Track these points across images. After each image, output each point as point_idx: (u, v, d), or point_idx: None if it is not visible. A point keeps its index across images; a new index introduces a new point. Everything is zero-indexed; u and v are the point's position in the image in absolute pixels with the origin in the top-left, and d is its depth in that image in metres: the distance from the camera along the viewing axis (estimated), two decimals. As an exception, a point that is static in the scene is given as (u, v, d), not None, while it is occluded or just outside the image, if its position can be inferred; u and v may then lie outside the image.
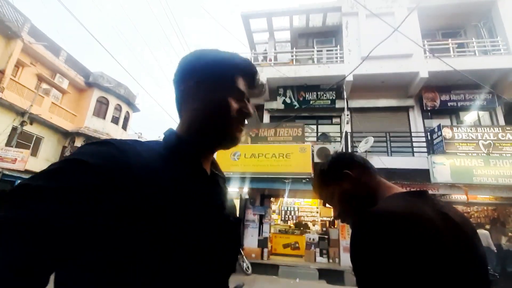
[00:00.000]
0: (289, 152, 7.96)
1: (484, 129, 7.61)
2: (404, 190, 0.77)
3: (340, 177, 0.85)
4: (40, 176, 0.39)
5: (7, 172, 10.36)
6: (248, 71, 0.67)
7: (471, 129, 7.65)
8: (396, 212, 0.63)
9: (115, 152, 0.45)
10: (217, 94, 0.61)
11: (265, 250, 8.28)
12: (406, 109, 9.50)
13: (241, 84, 0.65)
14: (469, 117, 9.22)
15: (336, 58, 9.91)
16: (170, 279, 0.46)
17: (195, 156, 0.59)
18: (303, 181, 7.89)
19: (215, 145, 0.65)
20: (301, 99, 9.76)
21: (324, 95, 9.58)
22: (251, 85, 0.68)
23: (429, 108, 9.07)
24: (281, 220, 11.66)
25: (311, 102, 9.55)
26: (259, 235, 8.59)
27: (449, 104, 9.01)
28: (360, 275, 0.62)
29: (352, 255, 0.64)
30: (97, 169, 0.41)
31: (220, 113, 0.61)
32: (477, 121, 9.17)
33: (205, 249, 0.52)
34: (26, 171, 11.48)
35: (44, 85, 13.87)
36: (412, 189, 0.77)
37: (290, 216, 11.89)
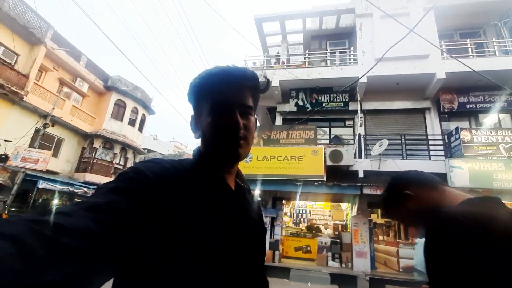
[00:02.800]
0: (301, 155, 7.94)
1: (505, 132, 7.32)
2: (473, 196, 0.77)
3: (402, 199, 0.87)
4: (118, 179, 0.53)
5: (29, 172, 10.84)
6: (211, 82, 0.66)
7: (491, 132, 7.37)
8: (478, 214, 0.65)
9: (161, 168, 0.58)
10: (202, 117, 0.67)
11: (277, 253, 8.27)
12: (422, 111, 9.27)
13: (211, 98, 0.65)
14: (489, 119, 8.88)
15: (350, 60, 9.82)
16: (189, 284, 0.52)
17: (213, 171, 0.66)
18: (315, 183, 7.84)
19: (216, 161, 0.66)
20: (313, 101, 9.72)
21: (337, 97, 9.49)
22: (217, 92, 0.65)
23: (446, 110, 8.80)
24: (293, 223, 11.60)
25: (324, 105, 9.48)
26: (270, 237, 8.58)
27: (467, 106, 8.72)
28: (439, 275, 0.63)
29: (432, 255, 0.66)
30: (149, 179, 0.53)
31: (205, 135, 0.66)
32: (498, 123, 8.82)
33: (226, 258, 0.57)
34: (48, 171, 12.00)
35: (66, 89, 14.48)
36: (481, 196, 0.78)
37: (302, 219, 11.82)
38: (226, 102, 0.64)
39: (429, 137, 8.75)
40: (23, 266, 0.30)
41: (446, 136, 8.08)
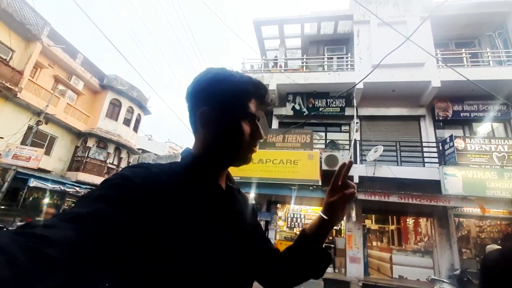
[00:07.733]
0: (297, 159, 7.93)
1: (498, 141, 7.42)
2: None
3: None
4: (103, 186, 0.50)
5: (21, 170, 10.65)
6: (259, 93, 0.70)
7: (484, 141, 7.46)
8: None
9: (149, 173, 0.56)
10: (232, 119, 0.66)
11: (270, 256, 8.20)
12: (417, 119, 9.36)
13: (253, 107, 0.69)
14: (482, 128, 9.00)
15: (347, 65, 9.89)
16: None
17: (210, 174, 0.66)
18: (310, 188, 7.84)
19: (228, 164, 0.70)
20: (310, 106, 9.75)
21: (334, 102, 9.54)
22: (262, 104, 0.72)
23: (441, 118, 8.90)
24: (287, 227, 11.53)
25: (320, 109, 9.52)
26: (264, 241, 8.51)
27: (462, 114, 8.84)
28: None
29: None
30: (137, 185, 0.51)
31: (235, 137, 0.66)
32: (491, 132, 8.94)
33: (220, 259, 0.57)
34: (39, 169, 11.79)
35: (60, 86, 14.31)
36: None
37: (296, 223, 11.74)
38: (255, 113, 0.69)
39: (424, 144, 8.82)
40: (9, 275, 0.30)
41: (440, 144, 8.15)
